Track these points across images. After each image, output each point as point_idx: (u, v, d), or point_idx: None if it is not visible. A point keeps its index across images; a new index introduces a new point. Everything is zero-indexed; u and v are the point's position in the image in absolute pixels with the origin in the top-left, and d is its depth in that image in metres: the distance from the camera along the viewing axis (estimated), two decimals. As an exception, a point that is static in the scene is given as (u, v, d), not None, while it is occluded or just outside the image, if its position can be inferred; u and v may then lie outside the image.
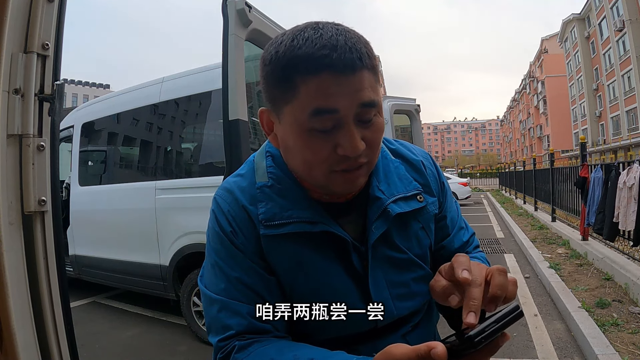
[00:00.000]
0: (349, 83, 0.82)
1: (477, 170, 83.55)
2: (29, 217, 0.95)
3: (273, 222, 0.96)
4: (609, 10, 45.30)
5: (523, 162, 23.72)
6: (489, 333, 0.71)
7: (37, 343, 0.95)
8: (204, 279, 1.03)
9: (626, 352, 3.91)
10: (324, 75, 0.81)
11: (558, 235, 10.21)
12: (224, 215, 1.00)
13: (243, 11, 2.99)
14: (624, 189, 5.70)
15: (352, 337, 1.01)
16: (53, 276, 1.00)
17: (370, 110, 0.86)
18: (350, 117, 0.84)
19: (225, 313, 0.95)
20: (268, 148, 1.07)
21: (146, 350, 4.98)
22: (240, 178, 1.06)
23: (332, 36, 0.83)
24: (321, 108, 0.83)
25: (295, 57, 0.83)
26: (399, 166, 1.10)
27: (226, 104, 2.96)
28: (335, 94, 0.82)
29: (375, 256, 1.01)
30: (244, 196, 1.01)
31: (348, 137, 0.84)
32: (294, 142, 0.89)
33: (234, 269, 0.97)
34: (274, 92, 0.89)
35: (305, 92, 0.83)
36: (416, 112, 8.27)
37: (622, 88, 45.08)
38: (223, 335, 0.94)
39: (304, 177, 0.97)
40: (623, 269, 5.96)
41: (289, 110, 0.87)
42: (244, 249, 0.97)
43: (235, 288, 0.96)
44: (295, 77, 0.83)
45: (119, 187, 5.90)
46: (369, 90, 0.85)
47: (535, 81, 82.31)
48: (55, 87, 1.00)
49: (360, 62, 0.83)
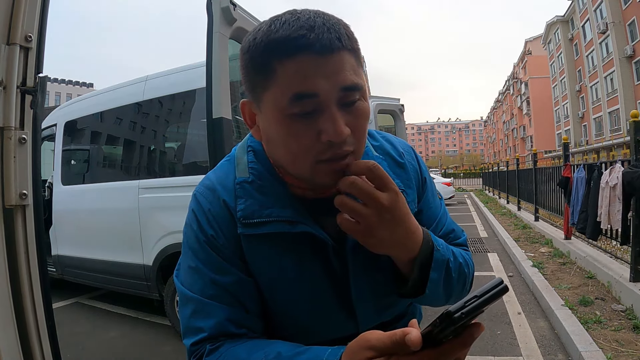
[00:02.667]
0: (328, 64, 0.79)
1: (461, 171, 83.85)
2: (10, 210, 0.94)
3: (251, 220, 0.93)
4: (593, 12, 45.84)
5: (506, 162, 23.81)
6: (470, 309, 0.64)
7: (19, 344, 0.93)
8: (180, 276, 1.00)
9: (609, 349, 3.95)
10: (301, 57, 0.79)
11: (541, 235, 10.31)
12: (204, 216, 0.97)
13: (228, 9, 2.97)
14: (606, 188, 5.76)
15: (335, 342, 0.95)
16: (34, 272, 0.98)
17: (352, 94, 0.83)
18: (332, 101, 0.81)
19: (199, 314, 0.92)
20: (250, 142, 1.03)
21: (130, 350, 4.93)
22: (221, 173, 1.02)
23: (309, 18, 0.81)
24: (301, 92, 0.79)
25: (271, 41, 0.80)
26: (381, 163, 1.04)
27: (210, 102, 2.93)
28: (314, 76, 0.79)
29: (356, 259, 0.97)
30: (225, 192, 0.97)
31: (331, 122, 0.80)
32: (276, 130, 0.85)
33: (212, 270, 0.94)
34: (253, 80, 0.86)
35: (283, 76, 0.80)
36: (400, 112, 8.28)
37: (604, 90, 45.64)
38: (195, 339, 0.92)
39: (289, 169, 0.92)
40: (606, 267, 6.03)
41: (269, 97, 0.84)
42: (224, 251, 0.94)
43: (212, 289, 0.92)
44: (272, 62, 0.81)
45: (102, 186, 5.85)
46: (351, 73, 0.82)
47: (518, 82, 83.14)
48: (37, 80, 0.99)
49: (339, 42, 0.80)
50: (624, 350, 3.94)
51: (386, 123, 8.47)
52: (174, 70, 5.31)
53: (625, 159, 5.90)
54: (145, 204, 5.17)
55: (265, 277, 0.96)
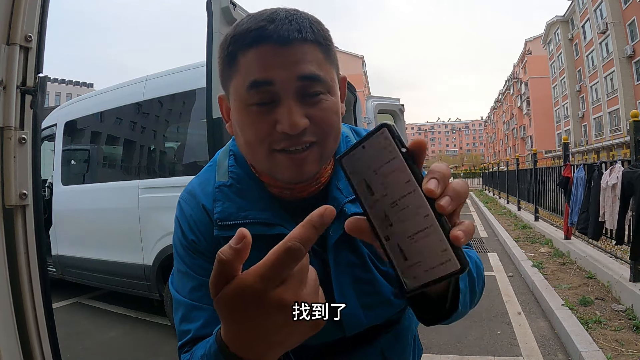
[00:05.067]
0: (285, 54, 0.81)
1: (461, 171, 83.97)
2: (10, 210, 0.94)
3: (227, 222, 0.93)
4: (593, 12, 45.83)
5: (506, 162, 23.80)
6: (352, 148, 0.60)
7: (19, 344, 0.93)
8: (173, 282, 1.02)
9: (609, 349, 3.95)
10: (260, 47, 0.81)
11: (541, 235, 10.30)
12: (186, 221, 0.99)
13: (228, 9, 2.98)
14: (607, 188, 5.76)
15: (321, 347, 0.97)
16: (34, 272, 0.98)
17: (312, 85, 0.83)
18: (289, 91, 0.82)
19: (187, 318, 0.93)
20: (232, 147, 1.05)
21: (130, 350, 4.94)
22: (203, 178, 1.04)
23: (274, 12, 0.83)
24: (257, 80, 0.81)
25: (236, 34, 0.84)
26: None
27: (210, 102, 2.94)
28: (271, 64, 0.80)
29: (338, 261, 0.97)
30: (205, 197, 0.99)
31: (286, 112, 0.81)
32: (238, 120, 0.87)
33: (199, 273, 0.95)
34: (223, 72, 0.89)
35: (244, 65, 0.83)
36: (400, 112, 8.25)
37: (604, 89, 45.63)
38: (182, 341, 0.93)
39: (250, 160, 0.95)
40: (606, 267, 6.03)
41: (233, 87, 0.87)
42: (207, 254, 0.95)
43: (199, 291, 0.93)
44: (236, 52, 0.84)
45: (102, 186, 5.84)
46: (311, 64, 0.83)
47: (518, 82, 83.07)
48: (37, 80, 0.99)
49: (299, 33, 0.81)
50: (624, 350, 3.94)
51: (386, 123, 8.45)
52: (174, 70, 5.30)
53: (625, 159, 5.91)
54: (145, 204, 5.17)
55: None
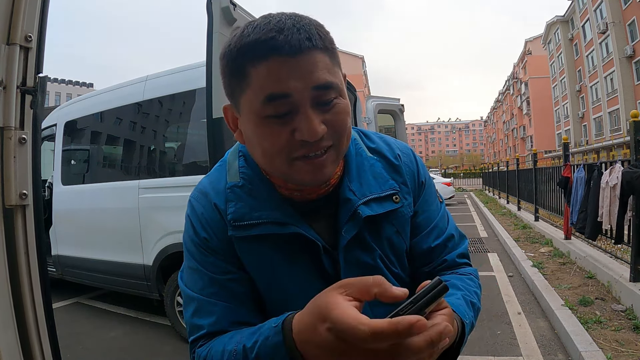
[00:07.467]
0: (298, 65, 0.80)
1: (461, 171, 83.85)
2: (10, 210, 0.94)
3: (242, 223, 0.95)
4: (593, 12, 45.85)
5: (506, 162, 23.75)
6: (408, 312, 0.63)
7: (19, 344, 0.93)
8: (183, 278, 1.02)
9: (609, 349, 3.95)
10: (272, 59, 0.80)
11: (541, 235, 10.30)
12: (198, 219, 1.00)
13: (228, 9, 2.97)
14: (606, 188, 5.75)
15: None
16: (34, 272, 0.98)
17: (327, 92, 0.84)
18: (306, 101, 0.82)
19: (200, 313, 0.95)
20: (241, 148, 1.05)
21: (130, 350, 4.93)
22: (213, 178, 1.05)
23: (279, 21, 0.82)
24: (274, 93, 0.81)
25: (244, 45, 0.82)
26: (375, 164, 1.06)
27: (210, 102, 2.93)
28: (285, 77, 0.80)
29: (348, 260, 0.98)
30: (217, 196, 1.00)
31: (305, 121, 0.81)
32: (253, 132, 0.87)
33: (210, 270, 0.96)
34: (231, 84, 0.88)
35: (256, 79, 0.82)
36: (400, 112, 8.24)
37: (604, 89, 45.65)
38: (195, 336, 0.95)
39: (268, 170, 0.95)
40: (606, 267, 6.03)
41: (245, 101, 0.86)
42: (219, 251, 0.97)
43: (211, 288, 0.95)
44: (246, 65, 0.83)
45: (102, 186, 5.84)
46: (324, 72, 0.83)
47: (518, 82, 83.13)
48: (37, 80, 0.99)
49: (309, 42, 0.81)
50: (624, 350, 3.94)
51: (386, 123, 8.45)
52: (174, 70, 5.30)
53: (625, 159, 5.90)
54: (145, 204, 5.16)
55: (260, 277, 0.98)
